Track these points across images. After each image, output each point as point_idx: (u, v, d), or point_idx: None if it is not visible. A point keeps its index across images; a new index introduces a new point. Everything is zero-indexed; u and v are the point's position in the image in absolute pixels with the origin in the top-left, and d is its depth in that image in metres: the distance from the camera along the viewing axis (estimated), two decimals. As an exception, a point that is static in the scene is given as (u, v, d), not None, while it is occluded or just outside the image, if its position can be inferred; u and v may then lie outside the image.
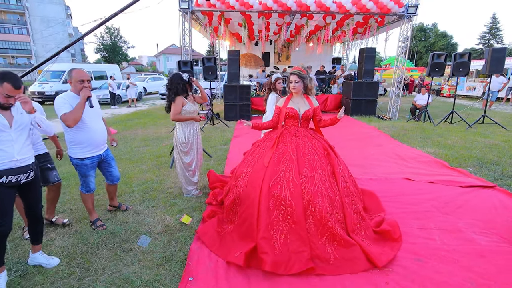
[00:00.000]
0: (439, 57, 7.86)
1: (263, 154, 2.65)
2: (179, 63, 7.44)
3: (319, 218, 2.25)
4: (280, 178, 2.39)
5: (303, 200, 2.30)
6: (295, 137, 2.64)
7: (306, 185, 2.35)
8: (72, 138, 2.61)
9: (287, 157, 2.50)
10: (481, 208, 3.17)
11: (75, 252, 2.47)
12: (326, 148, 2.66)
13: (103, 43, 49.97)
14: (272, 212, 2.29)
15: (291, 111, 2.69)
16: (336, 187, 2.45)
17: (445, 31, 50.23)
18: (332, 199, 2.35)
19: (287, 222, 2.26)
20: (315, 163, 2.48)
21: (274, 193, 2.33)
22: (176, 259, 2.37)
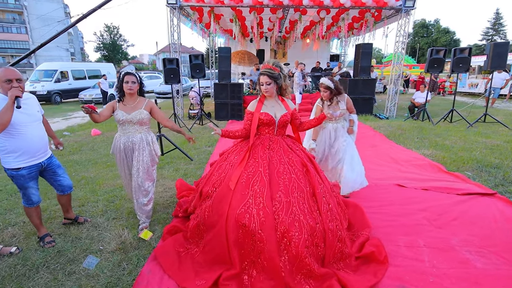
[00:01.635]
0: (438, 53, 7.47)
1: (230, 172, 2.26)
2: (163, 61, 7.11)
3: (295, 254, 1.89)
4: (248, 205, 2.01)
5: (276, 233, 1.93)
6: (268, 150, 2.27)
7: (280, 213, 1.97)
8: (3, 146, 2.26)
9: (257, 178, 2.11)
10: (478, 220, 2.82)
11: (11, 276, 2.16)
12: (305, 163, 2.26)
13: (102, 41, 49.82)
14: (242, 245, 1.98)
15: (266, 117, 2.29)
16: (317, 211, 2.08)
17: (448, 27, 49.63)
18: (312, 227, 1.98)
19: (259, 259, 1.92)
20: (291, 184, 2.10)
21: (242, 223, 1.97)
22: (121, 285, 2.06)
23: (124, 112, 2.59)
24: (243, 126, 2.42)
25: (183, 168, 4.50)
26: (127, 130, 2.64)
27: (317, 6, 8.34)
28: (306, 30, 12.07)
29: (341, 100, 3.31)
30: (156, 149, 2.80)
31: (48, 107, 13.10)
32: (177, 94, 9.47)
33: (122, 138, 2.65)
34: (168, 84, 7.64)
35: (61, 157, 5.07)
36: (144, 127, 2.69)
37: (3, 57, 38.86)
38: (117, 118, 2.61)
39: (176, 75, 7.30)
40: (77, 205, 3.31)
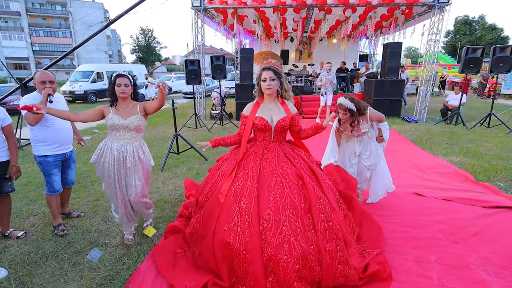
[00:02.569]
0: (474, 52, 6.89)
1: (221, 183, 2.14)
2: (185, 62, 7.30)
3: (283, 278, 1.75)
4: (234, 223, 1.88)
5: (263, 254, 1.79)
6: (260, 161, 2.10)
7: (268, 233, 1.81)
8: (36, 135, 2.61)
9: (245, 193, 1.95)
10: (503, 237, 2.54)
11: (24, 262, 2.33)
12: (301, 175, 2.05)
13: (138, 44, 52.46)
14: (229, 262, 1.89)
15: (260, 122, 2.15)
16: (312, 230, 1.88)
17: (494, 24, 45.58)
18: (304, 250, 1.80)
19: (246, 278, 1.82)
20: (283, 199, 1.91)
21: (227, 241, 1.85)
22: (119, 279, 2.13)
23: (120, 116, 2.37)
24: (238, 131, 2.30)
25: (196, 167, 4.57)
26: (121, 136, 2.40)
27: (342, 5, 8.08)
28: (332, 29, 11.76)
29: (362, 119, 2.87)
30: (149, 159, 2.56)
31: (84, 106, 14.02)
32: (200, 95, 9.67)
33: (114, 145, 2.39)
34: (190, 85, 7.82)
35: (86, 153, 5.40)
36: (140, 134, 2.50)
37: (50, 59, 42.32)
38: (111, 123, 2.36)
39: (197, 76, 7.45)
40: (93, 199, 3.50)
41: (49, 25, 42.43)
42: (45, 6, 42.37)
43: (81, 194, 3.64)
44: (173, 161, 4.89)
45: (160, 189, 3.79)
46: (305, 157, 2.30)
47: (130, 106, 2.44)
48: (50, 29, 42.27)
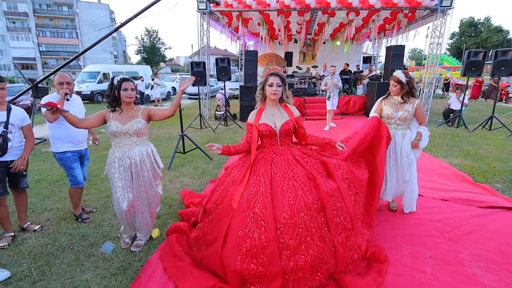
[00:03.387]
0: (476, 55, 6.97)
1: (231, 190, 2.14)
2: (191, 64, 7.46)
3: (301, 276, 1.85)
4: (249, 228, 1.89)
5: (281, 257, 1.83)
6: (271, 166, 2.12)
7: (285, 236, 1.85)
8: (54, 133, 2.83)
9: (259, 199, 1.96)
10: (497, 235, 2.65)
11: (42, 253, 2.49)
12: (313, 176, 2.07)
13: (143, 45, 52.94)
14: (241, 272, 1.86)
15: (265, 129, 2.19)
16: (326, 228, 1.96)
17: (500, 26, 45.29)
18: (320, 249, 1.89)
19: (261, 282, 1.85)
20: (297, 202, 1.93)
21: (243, 247, 1.86)
22: (131, 269, 2.27)
23: (118, 122, 2.30)
24: (245, 139, 2.34)
25: (202, 167, 4.72)
26: (122, 143, 2.34)
27: (345, 8, 8.20)
28: (336, 32, 11.87)
29: (411, 102, 2.80)
30: (158, 161, 2.54)
31: (91, 106, 14.28)
32: (205, 96, 9.84)
33: (116, 153, 2.34)
34: (195, 86, 7.98)
35: (96, 152, 5.58)
36: (142, 138, 2.42)
37: (56, 60, 42.94)
38: (110, 130, 2.31)
39: (203, 78, 7.62)
40: (104, 196, 3.66)
41: (55, 25, 43.03)
42: (52, 7, 42.99)
43: (92, 191, 3.80)
44: (179, 161, 5.05)
45: (168, 187, 3.94)
46: (316, 152, 2.35)
47: (133, 111, 2.39)
48: (57, 30, 42.87)
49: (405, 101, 2.80)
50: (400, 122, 2.85)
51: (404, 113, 2.80)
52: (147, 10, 6.46)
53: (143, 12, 6.48)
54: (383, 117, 2.94)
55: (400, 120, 2.83)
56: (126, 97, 2.31)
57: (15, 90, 12.29)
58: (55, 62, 42.55)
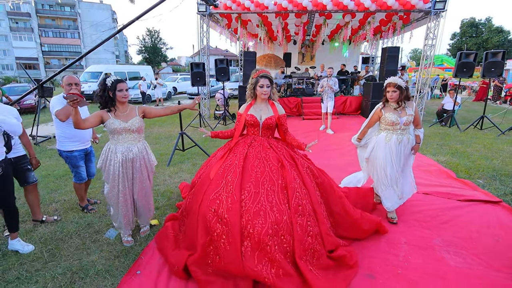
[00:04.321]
0: (467, 57, 7.18)
1: (214, 164, 2.50)
2: (191, 65, 7.70)
3: (257, 241, 1.98)
4: (220, 193, 2.19)
5: (241, 219, 2.05)
6: (248, 147, 2.42)
7: (247, 202, 2.11)
8: (63, 133, 3.00)
9: (232, 169, 2.28)
10: (470, 225, 2.87)
11: (51, 239, 2.73)
12: (281, 159, 2.36)
13: (144, 45, 53.29)
14: (209, 229, 2.11)
15: (251, 119, 2.49)
16: (286, 204, 2.15)
17: (501, 26, 45.33)
18: (277, 219, 2.06)
19: (223, 242, 2.04)
20: (263, 176, 2.22)
21: (212, 208, 2.14)
22: (133, 252, 2.51)
23: (120, 120, 2.46)
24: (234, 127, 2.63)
25: (200, 163, 4.95)
26: (125, 139, 2.51)
27: (341, 11, 8.42)
28: (333, 33, 12.09)
29: (409, 106, 2.84)
30: (152, 157, 2.75)
31: (93, 106, 14.55)
32: (204, 96, 10.08)
33: (119, 148, 2.49)
34: (195, 86, 8.22)
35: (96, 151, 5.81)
36: (141, 135, 2.63)
37: (58, 60, 43.32)
38: (112, 127, 2.43)
39: (202, 78, 7.85)
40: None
41: (58, 26, 43.41)
42: (55, 7, 43.37)
43: (96, 185, 4.04)
44: (178, 157, 5.28)
45: (167, 181, 4.18)
46: (289, 148, 2.59)
47: (128, 110, 2.55)
48: (59, 30, 43.25)
49: (402, 105, 2.81)
50: (405, 127, 2.85)
51: (408, 118, 2.80)
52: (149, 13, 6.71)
53: (145, 14, 6.74)
54: (386, 124, 2.90)
55: (405, 125, 2.83)
56: (122, 97, 2.47)
57: (19, 90, 12.58)
58: (57, 62, 42.94)
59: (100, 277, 2.22)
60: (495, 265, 2.28)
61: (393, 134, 2.87)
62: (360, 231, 2.58)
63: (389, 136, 2.88)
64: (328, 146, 6.11)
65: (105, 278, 2.20)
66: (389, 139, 2.87)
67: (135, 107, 2.63)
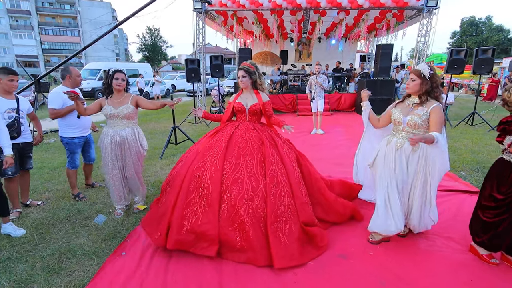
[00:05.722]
0: (458, 53, 7.27)
1: (202, 142, 2.79)
2: (186, 62, 7.80)
3: (233, 204, 2.27)
4: (205, 162, 2.47)
5: (222, 185, 2.34)
6: (234, 128, 2.70)
7: (228, 170, 2.40)
8: (64, 121, 3.23)
9: (217, 144, 2.58)
10: (445, 212, 2.98)
11: (43, 224, 2.85)
12: (262, 138, 2.63)
13: (144, 43, 53.35)
14: (191, 193, 2.36)
15: (238, 106, 2.77)
16: (263, 175, 2.41)
17: (501, 25, 45.24)
18: (254, 187, 2.32)
19: (202, 204, 2.30)
20: (244, 150, 2.50)
21: (196, 175, 2.42)
22: (120, 236, 2.63)
23: (112, 106, 2.81)
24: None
25: (192, 156, 5.06)
26: (115, 124, 2.83)
27: (335, 8, 8.51)
28: (329, 31, 12.17)
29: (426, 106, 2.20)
30: (143, 143, 2.99)
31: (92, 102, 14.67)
32: (201, 92, 10.19)
33: (109, 131, 2.83)
34: (190, 83, 8.33)
35: (94, 143, 5.94)
36: (132, 121, 2.89)
37: (58, 57, 43.39)
38: (105, 112, 2.83)
39: (197, 75, 7.96)
40: (101, 180, 4.02)
41: (58, 24, 43.53)
42: (55, 5, 43.48)
43: None
44: (171, 151, 5.40)
45: (158, 173, 4.29)
46: (272, 133, 2.82)
47: (123, 97, 2.88)
48: (59, 28, 43.38)
49: (422, 102, 2.21)
50: (410, 130, 2.25)
51: (413, 118, 2.20)
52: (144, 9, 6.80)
53: (140, 11, 6.83)
54: (392, 123, 2.43)
55: (409, 127, 2.24)
56: (117, 85, 2.82)
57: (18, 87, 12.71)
58: (57, 60, 42.98)
59: (87, 257, 2.33)
60: (464, 248, 2.39)
61: (394, 136, 2.36)
62: (335, 213, 2.72)
63: (391, 139, 2.38)
64: (320, 141, 6.22)
65: (91, 258, 2.32)
66: (389, 142, 2.37)
67: (129, 96, 2.92)
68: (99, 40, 6.69)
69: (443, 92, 2.28)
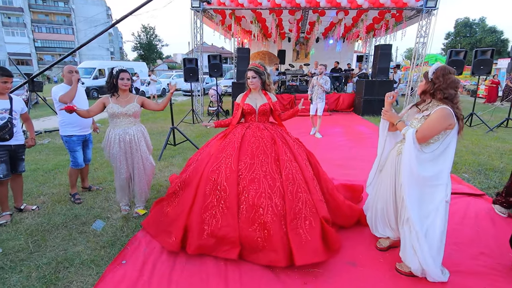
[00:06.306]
0: (457, 54, 7.28)
1: (214, 144, 2.73)
2: (184, 61, 7.69)
3: (251, 204, 2.23)
4: (220, 165, 2.44)
5: (238, 186, 2.31)
6: (245, 129, 2.67)
7: (244, 171, 2.37)
8: (63, 119, 3.17)
9: (230, 145, 2.54)
10: (453, 216, 2.92)
11: (37, 230, 2.73)
12: (274, 137, 2.61)
13: (139, 41, 52.84)
14: (208, 197, 2.35)
15: (247, 107, 2.74)
16: (279, 173, 2.38)
17: (495, 26, 45.79)
18: (271, 185, 2.29)
19: (220, 207, 2.28)
20: (258, 150, 2.48)
21: (212, 178, 2.39)
22: (119, 243, 2.53)
23: (119, 105, 2.79)
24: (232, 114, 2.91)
25: (191, 158, 4.96)
26: (122, 122, 2.82)
27: (334, 8, 8.46)
28: (327, 31, 12.14)
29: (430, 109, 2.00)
30: (148, 139, 3.03)
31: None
32: (198, 92, 10.07)
33: (116, 131, 2.81)
34: (188, 82, 8.21)
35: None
36: (138, 119, 2.95)
37: (52, 56, 42.78)
38: (111, 111, 2.77)
39: (195, 74, 7.84)
40: (97, 182, 3.91)
41: (51, 21, 42.87)
42: (48, 2, 42.79)
43: (99, 173, 4.09)
44: (170, 152, 5.29)
45: (157, 175, 4.19)
46: (282, 132, 2.79)
47: (129, 97, 2.89)
48: (53, 26, 42.73)
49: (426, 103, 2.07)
50: None
51: (413, 122, 2.05)
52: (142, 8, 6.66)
53: (138, 9, 6.69)
54: None
55: None
56: (123, 85, 2.81)
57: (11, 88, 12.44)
58: (51, 58, 42.37)
59: (85, 266, 2.23)
60: (473, 253, 2.35)
61: (400, 142, 2.15)
62: (343, 216, 2.67)
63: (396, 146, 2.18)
64: (319, 142, 6.16)
65: (90, 267, 2.22)
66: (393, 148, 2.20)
67: (135, 96, 2.94)
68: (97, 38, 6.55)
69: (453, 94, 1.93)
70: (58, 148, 5.68)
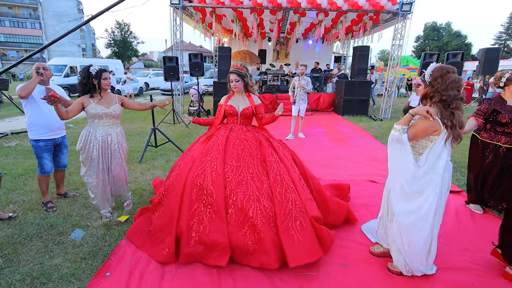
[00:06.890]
0: (431, 57, 7.63)
1: (197, 148, 2.65)
2: (164, 59, 7.44)
3: (240, 208, 2.18)
4: (205, 168, 2.36)
5: (225, 190, 2.25)
6: (229, 131, 2.62)
7: (230, 174, 2.31)
8: (29, 120, 2.91)
9: (214, 148, 2.48)
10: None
11: (8, 243, 2.49)
12: (260, 139, 2.57)
13: (113, 38, 50.74)
14: (194, 202, 2.27)
15: (230, 109, 2.69)
16: (266, 175, 2.35)
17: (459, 31, 48.82)
18: (258, 187, 2.26)
19: (208, 212, 2.22)
20: (244, 152, 2.43)
21: (197, 182, 2.30)
22: (102, 254, 2.37)
23: (103, 106, 2.68)
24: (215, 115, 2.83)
25: (174, 160, 4.80)
26: (105, 123, 2.71)
27: (315, 9, 8.56)
28: (307, 31, 12.29)
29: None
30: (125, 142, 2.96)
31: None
32: (178, 91, 9.81)
33: (98, 132, 2.69)
34: (168, 81, 7.97)
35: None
36: (118, 120, 2.87)
37: (17, 51, 40.06)
38: (94, 112, 2.63)
39: (175, 73, 7.62)
40: (72, 188, 3.66)
41: (15, 14, 40.11)
42: (12, -6, 39.98)
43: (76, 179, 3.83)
44: (151, 154, 5.09)
45: (139, 179, 4.01)
46: (265, 134, 2.77)
47: (110, 97, 2.79)
48: (17, 19, 39.99)
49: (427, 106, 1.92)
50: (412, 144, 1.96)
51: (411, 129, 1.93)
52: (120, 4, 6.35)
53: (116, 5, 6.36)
54: None
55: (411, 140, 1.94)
56: (106, 84, 2.71)
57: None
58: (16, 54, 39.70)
59: (65, 281, 2.06)
60: (458, 249, 2.44)
61: None
62: (332, 212, 2.67)
63: None
64: (302, 143, 6.20)
65: (70, 282, 2.05)
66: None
67: (115, 96, 2.84)
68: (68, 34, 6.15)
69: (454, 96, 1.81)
70: (26, 151, 5.28)
